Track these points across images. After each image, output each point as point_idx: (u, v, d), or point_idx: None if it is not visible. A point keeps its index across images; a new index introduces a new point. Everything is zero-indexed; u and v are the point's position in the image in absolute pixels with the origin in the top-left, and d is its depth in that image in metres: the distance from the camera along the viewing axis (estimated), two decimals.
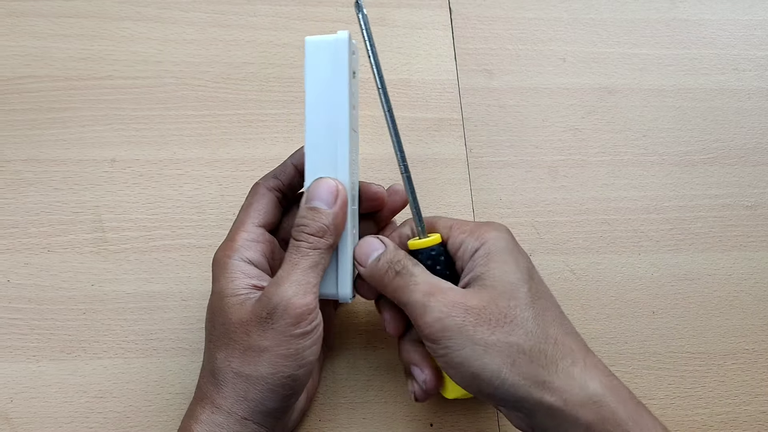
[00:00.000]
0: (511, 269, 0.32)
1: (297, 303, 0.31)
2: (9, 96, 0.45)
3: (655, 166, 0.47)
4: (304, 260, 0.32)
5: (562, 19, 0.51)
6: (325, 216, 0.33)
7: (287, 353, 0.31)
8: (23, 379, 0.38)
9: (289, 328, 0.31)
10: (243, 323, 0.31)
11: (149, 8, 0.48)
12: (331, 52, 0.33)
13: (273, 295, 0.31)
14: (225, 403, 0.31)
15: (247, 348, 0.31)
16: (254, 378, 0.31)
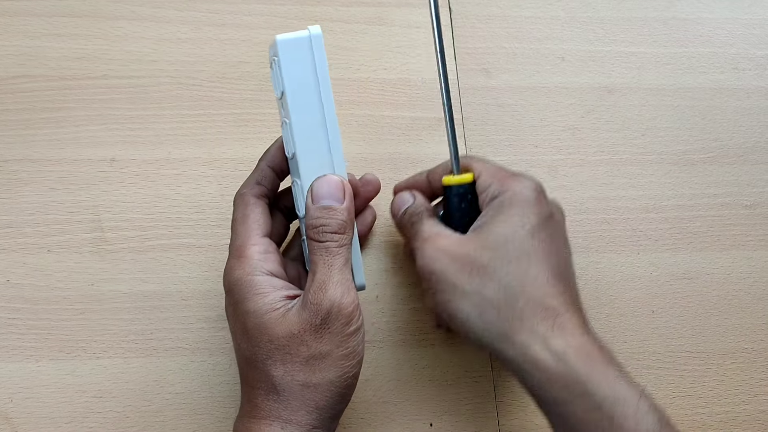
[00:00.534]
0: (513, 222, 0.33)
1: (346, 303, 0.31)
2: (3, 96, 0.44)
3: (653, 165, 0.47)
4: (336, 259, 0.32)
5: (560, 18, 0.51)
6: (340, 213, 0.33)
7: (347, 353, 0.31)
8: (22, 379, 0.38)
9: (344, 328, 0.31)
10: (295, 335, 0.31)
11: (144, 7, 0.48)
12: (308, 48, 0.33)
13: (322, 300, 0.31)
14: (295, 417, 0.31)
15: (309, 357, 0.31)
16: (324, 385, 0.31)
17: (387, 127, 0.46)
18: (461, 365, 0.40)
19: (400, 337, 0.41)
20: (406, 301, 0.42)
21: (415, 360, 0.40)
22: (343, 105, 0.47)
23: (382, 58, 0.48)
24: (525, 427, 0.39)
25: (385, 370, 0.40)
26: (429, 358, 0.41)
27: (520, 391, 0.40)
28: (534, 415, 0.40)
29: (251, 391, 0.33)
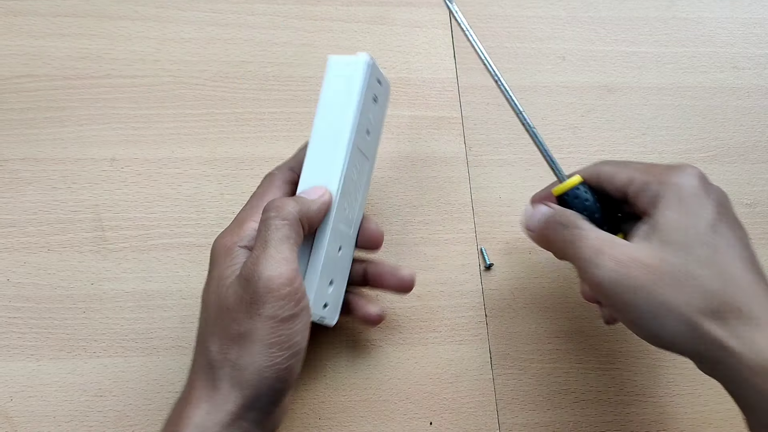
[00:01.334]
0: (691, 221, 0.30)
1: (278, 281, 0.29)
2: (6, 95, 0.45)
3: None
4: (274, 233, 0.31)
5: (561, 17, 0.51)
6: (300, 200, 0.32)
7: (277, 341, 0.30)
8: (23, 378, 0.38)
9: (276, 311, 0.29)
10: (229, 309, 0.30)
11: (147, 7, 0.48)
12: (349, 71, 0.35)
13: (252, 274, 0.30)
14: (222, 402, 0.30)
15: (239, 336, 0.30)
16: (252, 371, 0.29)
17: (387, 126, 0.46)
18: (461, 363, 0.40)
19: (399, 335, 0.41)
20: (405, 299, 0.42)
21: (414, 359, 0.40)
22: None
23: (382, 57, 0.48)
24: (525, 425, 0.39)
25: (385, 368, 0.40)
26: (429, 356, 0.41)
27: (520, 389, 0.40)
28: (534, 413, 0.40)
29: (192, 373, 0.32)
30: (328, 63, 0.35)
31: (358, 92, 0.34)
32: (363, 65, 0.34)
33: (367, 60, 0.34)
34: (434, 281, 0.42)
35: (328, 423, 0.39)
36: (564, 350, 0.41)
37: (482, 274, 0.43)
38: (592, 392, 0.40)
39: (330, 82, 0.35)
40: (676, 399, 0.41)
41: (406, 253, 0.43)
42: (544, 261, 0.44)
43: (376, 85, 0.36)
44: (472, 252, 0.43)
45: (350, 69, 0.35)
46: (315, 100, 0.46)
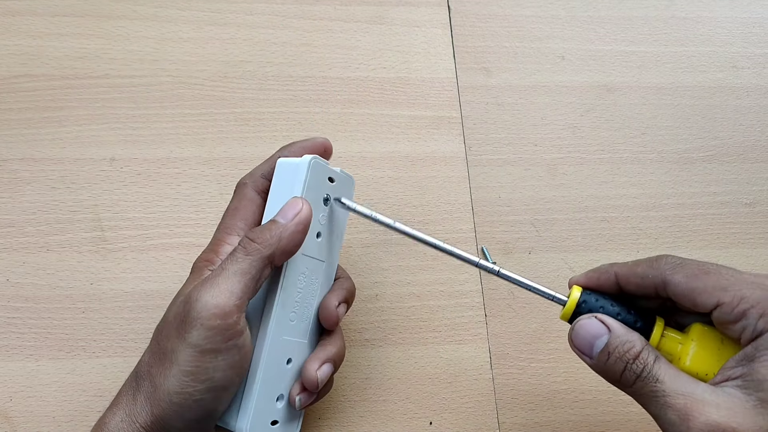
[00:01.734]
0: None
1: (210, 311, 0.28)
2: (5, 95, 0.45)
3: (653, 163, 0.47)
4: (232, 265, 0.30)
5: (560, 17, 0.51)
6: (274, 227, 0.31)
7: (192, 370, 0.29)
8: (22, 378, 0.38)
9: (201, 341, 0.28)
10: (167, 323, 0.30)
11: (145, 6, 0.48)
12: (290, 175, 0.33)
13: (192, 294, 0.29)
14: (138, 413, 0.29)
15: (163, 352, 0.29)
16: (162, 391, 0.29)
17: (386, 125, 0.46)
18: (461, 363, 0.40)
19: (399, 335, 0.41)
20: (405, 299, 0.42)
21: (414, 358, 0.40)
22: (342, 104, 0.47)
23: (381, 57, 0.48)
24: (525, 424, 0.39)
25: (385, 368, 0.40)
26: (428, 356, 0.41)
27: (519, 389, 0.40)
28: (533, 413, 0.40)
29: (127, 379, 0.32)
30: (277, 166, 0.34)
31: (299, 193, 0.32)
32: (304, 168, 0.32)
33: (309, 162, 0.32)
34: (434, 281, 0.42)
35: (328, 423, 0.39)
36: (563, 350, 0.41)
37: (482, 274, 0.43)
38: (591, 392, 0.40)
39: (275, 188, 0.34)
40: None
41: (405, 253, 0.43)
42: (543, 261, 0.44)
43: (324, 185, 0.34)
44: (472, 252, 0.43)
45: (292, 173, 0.33)
46: (315, 100, 0.47)
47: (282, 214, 0.31)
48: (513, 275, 0.32)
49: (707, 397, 0.26)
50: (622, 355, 0.28)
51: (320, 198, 0.34)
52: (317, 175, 0.33)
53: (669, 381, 0.27)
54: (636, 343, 0.28)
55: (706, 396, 0.26)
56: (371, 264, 0.42)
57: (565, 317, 0.31)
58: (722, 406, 0.25)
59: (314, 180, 0.33)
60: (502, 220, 0.44)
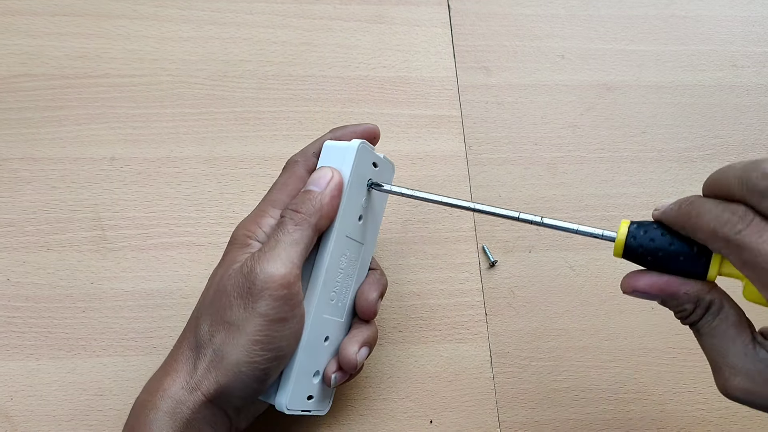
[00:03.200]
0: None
1: (277, 279, 0.30)
2: (4, 95, 0.45)
3: (654, 162, 0.47)
4: (286, 236, 0.31)
5: (560, 16, 0.51)
6: (312, 196, 0.32)
7: (261, 339, 0.30)
8: (22, 378, 0.38)
9: (268, 309, 0.30)
10: (226, 293, 0.31)
11: (145, 6, 0.48)
12: (339, 158, 0.34)
13: (255, 267, 0.30)
14: (200, 382, 0.30)
15: (229, 323, 0.30)
16: (230, 362, 0.30)
17: (386, 125, 0.46)
18: (461, 362, 0.40)
19: (399, 334, 0.41)
20: (406, 298, 0.42)
21: (414, 357, 0.40)
22: (342, 103, 0.47)
23: (381, 56, 0.48)
24: (525, 423, 0.39)
25: (385, 367, 0.40)
26: (429, 354, 0.41)
27: (520, 387, 0.40)
28: (534, 411, 0.40)
29: (177, 346, 0.32)
30: (323, 148, 0.35)
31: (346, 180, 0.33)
32: (353, 152, 0.33)
33: (358, 146, 0.34)
34: (434, 280, 0.42)
35: (328, 422, 0.39)
36: (564, 348, 0.41)
37: (482, 273, 0.43)
38: (591, 390, 0.40)
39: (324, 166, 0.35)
40: (676, 397, 0.41)
41: (406, 251, 0.43)
42: (543, 259, 0.44)
43: (369, 169, 0.35)
44: (472, 250, 0.43)
45: (340, 156, 0.34)
46: (315, 99, 0.47)
47: (315, 183, 0.33)
48: (556, 222, 0.32)
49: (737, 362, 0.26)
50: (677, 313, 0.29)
51: (364, 181, 0.35)
52: (363, 159, 0.34)
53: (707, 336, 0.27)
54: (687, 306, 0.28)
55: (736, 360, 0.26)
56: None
57: (617, 254, 0.30)
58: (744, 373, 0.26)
59: (360, 164, 0.34)
60: (502, 219, 0.44)
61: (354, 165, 0.34)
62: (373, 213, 0.36)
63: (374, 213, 0.37)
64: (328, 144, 0.35)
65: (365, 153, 0.34)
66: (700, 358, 0.42)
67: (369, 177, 0.35)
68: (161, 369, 0.32)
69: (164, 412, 0.30)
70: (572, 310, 0.42)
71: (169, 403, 0.30)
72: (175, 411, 0.30)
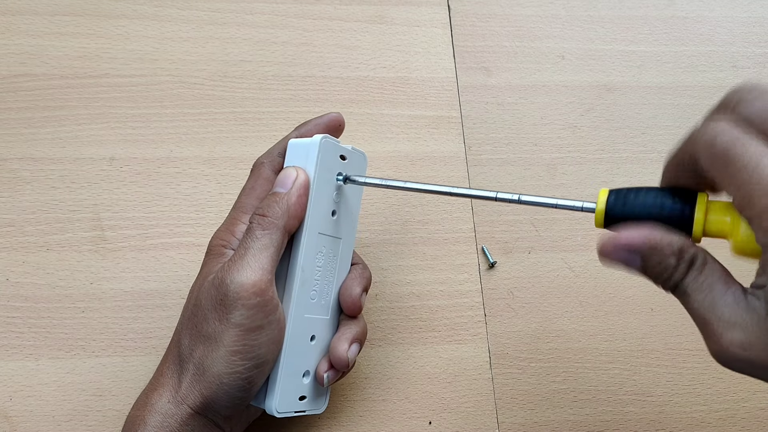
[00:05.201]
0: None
1: (248, 288, 0.29)
2: (4, 94, 0.45)
3: (654, 163, 0.47)
4: (255, 242, 0.31)
5: (560, 16, 0.51)
6: (278, 198, 0.32)
7: (239, 349, 0.30)
8: (21, 378, 0.38)
9: (243, 319, 0.29)
10: (201, 307, 0.31)
11: (145, 6, 0.48)
12: (302, 155, 0.34)
13: (225, 276, 0.30)
14: (186, 395, 0.30)
15: (207, 336, 0.30)
16: (212, 374, 0.30)
17: (386, 125, 0.46)
18: (460, 363, 0.40)
19: (398, 335, 0.41)
20: (405, 299, 0.42)
21: (413, 358, 0.40)
22: (342, 103, 0.47)
23: (381, 56, 0.48)
24: (524, 424, 0.39)
25: (384, 368, 0.40)
26: (428, 356, 0.41)
27: (519, 389, 0.40)
28: (533, 413, 0.40)
29: (163, 361, 0.33)
30: (288, 147, 0.34)
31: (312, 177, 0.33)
32: (315, 148, 0.33)
33: (318, 141, 0.33)
34: (433, 281, 0.42)
35: (328, 422, 0.39)
36: (563, 350, 0.41)
37: (482, 274, 0.43)
38: (590, 391, 0.40)
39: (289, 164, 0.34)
40: (674, 398, 0.41)
41: (405, 252, 0.43)
42: (543, 261, 0.44)
43: (336, 163, 0.34)
44: (472, 251, 0.43)
45: (304, 152, 0.33)
46: (314, 99, 0.47)
47: (280, 184, 0.32)
48: (534, 198, 0.31)
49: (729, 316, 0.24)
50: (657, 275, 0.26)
51: (333, 176, 0.34)
52: (328, 153, 0.34)
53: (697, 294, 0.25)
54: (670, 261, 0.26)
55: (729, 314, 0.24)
56: (370, 264, 0.42)
57: (599, 223, 0.29)
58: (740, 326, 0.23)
59: (325, 159, 0.34)
60: (501, 220, 0.44)
61: (318, 161, 0.33)
62: (347, 206, 0.36)
63: (348, 206, 0.36)
64: (291, 142, 0.34)
65: (329, 147, 0.34)
66: (700, 360, 0.42)
67: (337, 171, 0.35)
68: (149, 385, 0.32)
69: (153, 427, 0.30)
70: (571, 312, 0.42)
71: (158, 417, 0.30)
72: (163, 425, 0.30)
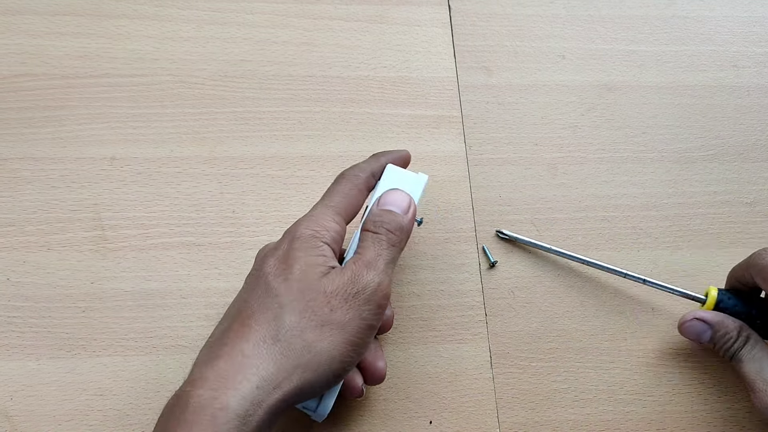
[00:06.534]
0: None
1: (383, 291, 0.32)
2: (5, 94, 0.45)
3: (654, 163, 0.47)
4: (386, 252, 0.33)
5: (560, 16, 0.51)
6: (400, 218, 0.34)
7: (356, 340, 0.31)
8: (22, 377, 0.38)
9: (369, 314, 0.31)
10: (326, 293, 0.31)
11: (146, 6, 0.48)
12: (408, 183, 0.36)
13: (364, 275, 0.32)
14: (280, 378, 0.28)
15: (326, 322, 0.30)
16: (322, 358, 0.30)
17: (387, 125, 0.46)
18: (461, 362, 0.40)
19: (399, 334, 0.41)
20: (405, 298, 0.42)
21: (414, 357, 0.40)
22: (342, 103, 0.47)
23: (382, 56, 0.48)
24: (525, 423, 0.39)
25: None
26: (428, 355, 0.41)
27: (519, 388, 0.40)
28: (533, 412, 0.40)
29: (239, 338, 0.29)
30: (387, 170, 0.36)
31: None
32: (422, 184, 0.36)
33: (426, 179, 0.36)
34: (434, 280, 0.42)
35: (328, 422, 0.38)
36: (563, 349, 0.41)
37: (482, 273, 0.43)
38: (591, 391, 0.40)
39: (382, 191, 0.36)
40: (676, 398, 0.41)
41: (405, 252, 0.43)
42: (543, 260, 0.44)
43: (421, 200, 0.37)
44: (472, 251, 0.43)
45: (408, 184, 0.36)
46: (315, 99, 0.47)
47: (396, 204, 0.35)
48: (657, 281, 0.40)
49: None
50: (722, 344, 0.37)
51: None
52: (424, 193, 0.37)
53: (747, 362, 0.36)
54: (732, 334, 0.37)
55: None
56: None
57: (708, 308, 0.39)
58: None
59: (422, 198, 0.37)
60: (502, 220, 0.44)
61: (421, 197, 0.36)
62: None
63: None
64: (392, 168, 0.36)
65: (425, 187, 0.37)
66: (699, 360, 0.42)
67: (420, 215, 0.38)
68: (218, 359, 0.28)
69: (236, 415, 0.27)
70: (572, 311, 0.42)
71: (243, 404, 0.27)
72: (247, 414, 0.27)
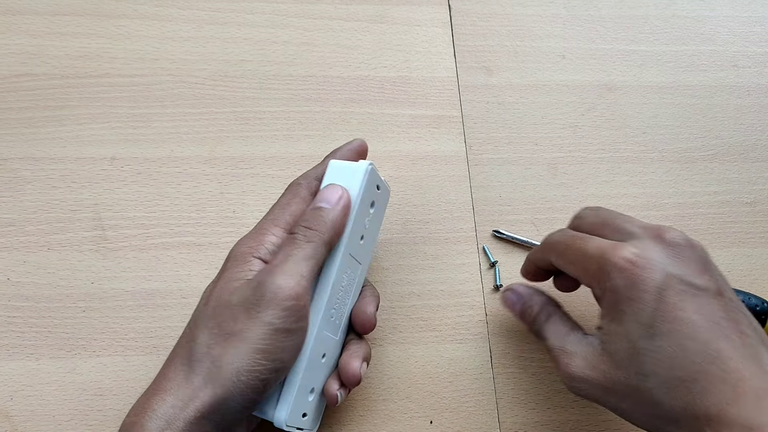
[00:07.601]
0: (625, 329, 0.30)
1: (286, 291, 0.30)
2: (5, 94, 0.45)
3: (654, 162, 0.47)
4: (297, 251, 0.31)
5: (561, 16, 0.51)
6: (324, 213, 0.32)
7: (265, 348, 0.30)
8: (22, 377, 0.38)
9: (274, 320, 0.30)
10: (231, 306, 0.31)
11: (146, 6, 0.48)
12: (348, 178, 0.34)
13: (265, 280, 0.30)
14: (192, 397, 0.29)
15: (231, 334, 0.30)
16: (229, 371, 0.29)
17: (387, 124, 0.46)
18: (461, 362, 0.40)
19: (399, 334, 0.41)
20: (406, 298, 0.42)
21: (415, 358, 0.40)
22: (343, 103, 0.47)
23: (382, 56, 0.48)
24: (525, 423, 0.39)
25: (385, 367, 0.40)
26: (429, 355, 0.41)
27: (520, 388, 0.40)
28: (534, 412, 0.40)
29: (166, 366, 0.31)
30: (329, 167, 0.35)
31: (355, 200, 0.34)
32: (362, 173, 0.34)
33: (367, 168, 0.34)
34: (434, 280, 0.42)
35: (328, 422, 0.39)
36: None
37: (483, 273, 0.43)
38: None
39: None
40: None
41: (406, 252, 0.43)
42: None
43: (374, 191, 0.35)
44: (473, 251, 0.43)
45: (349, 175, 0.34)
46: (315, 99, 0.47)
47: (325, 200, 0.33)
48: None
49: (573, 349, 0.33)
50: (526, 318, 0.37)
51: (368, 203, 0.35)
52: (371, 180, 0.35)
53: (550, 335, 0.34)
54: (534, 307, 0.36)
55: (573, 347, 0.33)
56: (371, 263, 0.42)
57: None
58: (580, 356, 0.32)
59: (369, 185, 0.34)
60: (502, 220, 0.44)
61: (365, 185, 0.34)
62: (370, 234, 0.36)
63: (372, 235, 0.37)
64: (334, 163, 0.35)
65: (373, 174, 0.35)
66: None
67: (372, 199, 0.35)
68: (149, 389, 0.31)
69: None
70: (573, 311, 0.42)
71: (158, 423, 0.29)
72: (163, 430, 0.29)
